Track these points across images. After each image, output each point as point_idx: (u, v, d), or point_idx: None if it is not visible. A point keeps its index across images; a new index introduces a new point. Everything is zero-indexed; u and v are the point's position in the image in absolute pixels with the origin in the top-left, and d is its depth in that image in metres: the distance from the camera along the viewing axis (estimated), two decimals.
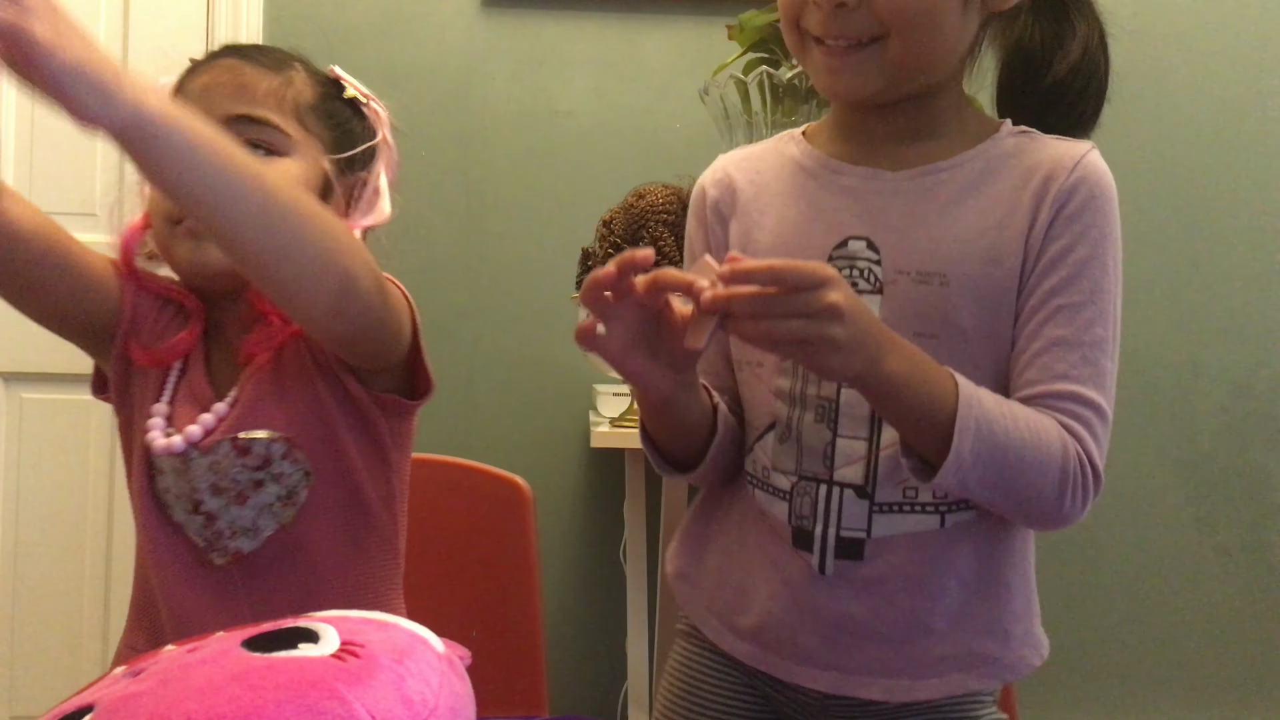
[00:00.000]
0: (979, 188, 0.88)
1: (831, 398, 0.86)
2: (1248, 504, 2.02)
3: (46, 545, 1.88)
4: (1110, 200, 0.89)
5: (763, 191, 0.95)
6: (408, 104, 2.03)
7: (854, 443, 0.86)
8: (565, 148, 1.98)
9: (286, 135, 1.00)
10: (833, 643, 0.88)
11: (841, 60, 0.84)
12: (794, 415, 0.88)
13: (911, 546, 0.87)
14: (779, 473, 0.89)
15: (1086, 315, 0.85)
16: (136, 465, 0.98)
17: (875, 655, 0.88)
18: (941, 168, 0.89)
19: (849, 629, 0.88)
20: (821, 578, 0.87)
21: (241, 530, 0.96)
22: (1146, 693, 2.01)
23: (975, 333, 0.85)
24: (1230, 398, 2.02)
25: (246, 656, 0.51)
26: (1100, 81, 0.97)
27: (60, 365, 1.89)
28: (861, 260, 0.87)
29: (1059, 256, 0.85)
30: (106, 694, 0.51)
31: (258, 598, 0.96)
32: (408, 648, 0.54)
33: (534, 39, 1.98)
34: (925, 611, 0.87)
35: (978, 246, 0.85)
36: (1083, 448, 0.84)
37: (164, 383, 1.01)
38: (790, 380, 0.89)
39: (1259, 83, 2.04)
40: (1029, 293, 0.85)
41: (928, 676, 0.88)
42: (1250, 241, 2.03)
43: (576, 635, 1.96)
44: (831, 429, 0.86)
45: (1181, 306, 2.02)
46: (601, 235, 1.59)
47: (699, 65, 1.81)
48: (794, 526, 0.88)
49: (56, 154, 1.90)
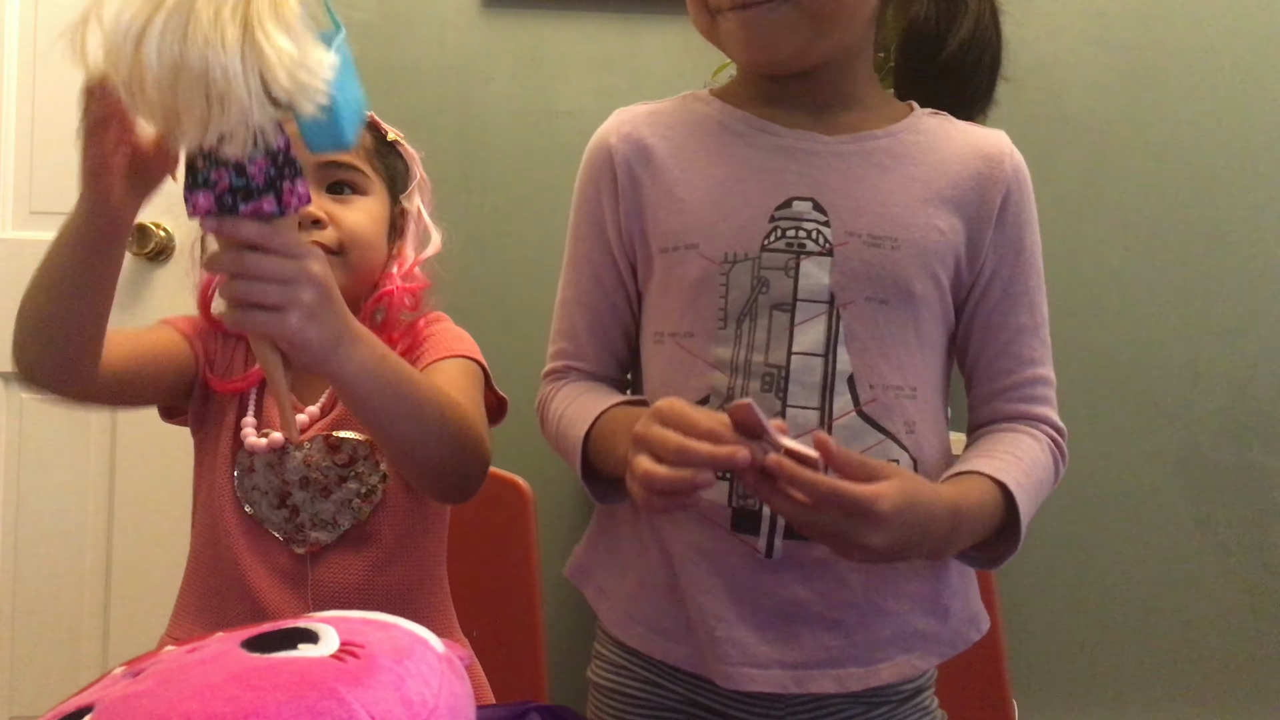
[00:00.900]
0: (918, 159, 0.89)
1: (781, 364, 0.84)
2: (1248, 504, 2.02)
3: (46, 545, 1.88)
4: (1031, 186, 0.93)
5: (680, 149, 0.91)
6: (408, 104, 2.03)
7: (805, 412, 0.83)
8: (565, 148, 1.98)
9: (367, 177, 1.11)
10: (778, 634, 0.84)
11: (755, 20, 0.83)
12: (736, 385, 0.84)
13: None
14: None
15: (1037, 298, 0.90)
16: (220, 471, 1.06)
17: (824, 644, 0.84)
18: (877, 135, 0.89)
19: (797, 616, 0.84)
20: (767, 562, 0.83)
21: (321, 523, 1.05)
22: (1146, 692, 2.01)
23: (922, 299, 0.86)
24: (1230, 398, 2.02)
25: (246, 657, 0.51)
26: (993, 58, 0.97)
27: None
28: (808, 221, 0.85)
29: (1014, 246, 0.89)
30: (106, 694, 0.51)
31: (326, 587, 1.04)
32: (408, 648, 0.54)
33: (534, 39, 1.98)
34: (875, 591, 0.85)
35: (925, 214, 0.86)
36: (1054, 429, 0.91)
37: (245, 398, 1.08)
38: (732, 348, 0.85)
39: (1259, 83, 2.04)
40: (989, 280, 0.89)
41: (877, 661, 0.86)
42: (1250, 241, 2.03)
43: (576, 635, 1.96)
44: (781, 398, 0.83)
45: (1181, 307, 2.01)
46: None
47: (699, 65, 1.80)
48: (736, 508, 0.83)
49: (56, 154, 1.90)
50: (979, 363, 0.91)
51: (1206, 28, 2.03)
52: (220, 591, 1.06)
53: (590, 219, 0.95)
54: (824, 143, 0.88)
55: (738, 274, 0.85)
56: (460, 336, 1.12)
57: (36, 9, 1.89)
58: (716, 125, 0.92)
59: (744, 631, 0.84)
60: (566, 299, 0.98)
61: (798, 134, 0.89)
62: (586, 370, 0.96)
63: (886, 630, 0.86)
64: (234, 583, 1.04)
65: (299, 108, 0.65)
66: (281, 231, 0.72)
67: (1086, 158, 1.96)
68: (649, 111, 0.97)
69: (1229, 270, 2.03)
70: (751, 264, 0.85)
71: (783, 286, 0.84)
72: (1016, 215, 0.90)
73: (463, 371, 1.06)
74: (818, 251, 0.84)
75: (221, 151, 0.66)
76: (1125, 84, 2.01)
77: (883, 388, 0.84)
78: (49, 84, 1.89)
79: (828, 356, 0.83)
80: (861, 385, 0.84)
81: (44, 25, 1.90)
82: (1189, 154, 2.03)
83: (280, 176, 0.70)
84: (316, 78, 0.65)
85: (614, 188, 0.93)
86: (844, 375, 0.84)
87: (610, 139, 0.96)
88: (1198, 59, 2.03)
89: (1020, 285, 0.90)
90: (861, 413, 0.84)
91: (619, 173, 0.93)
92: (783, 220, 0.85)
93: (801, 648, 0.84)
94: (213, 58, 0.61)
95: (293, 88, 0.64)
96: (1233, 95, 2.04)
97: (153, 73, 0.62)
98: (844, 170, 0.87)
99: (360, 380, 0.80)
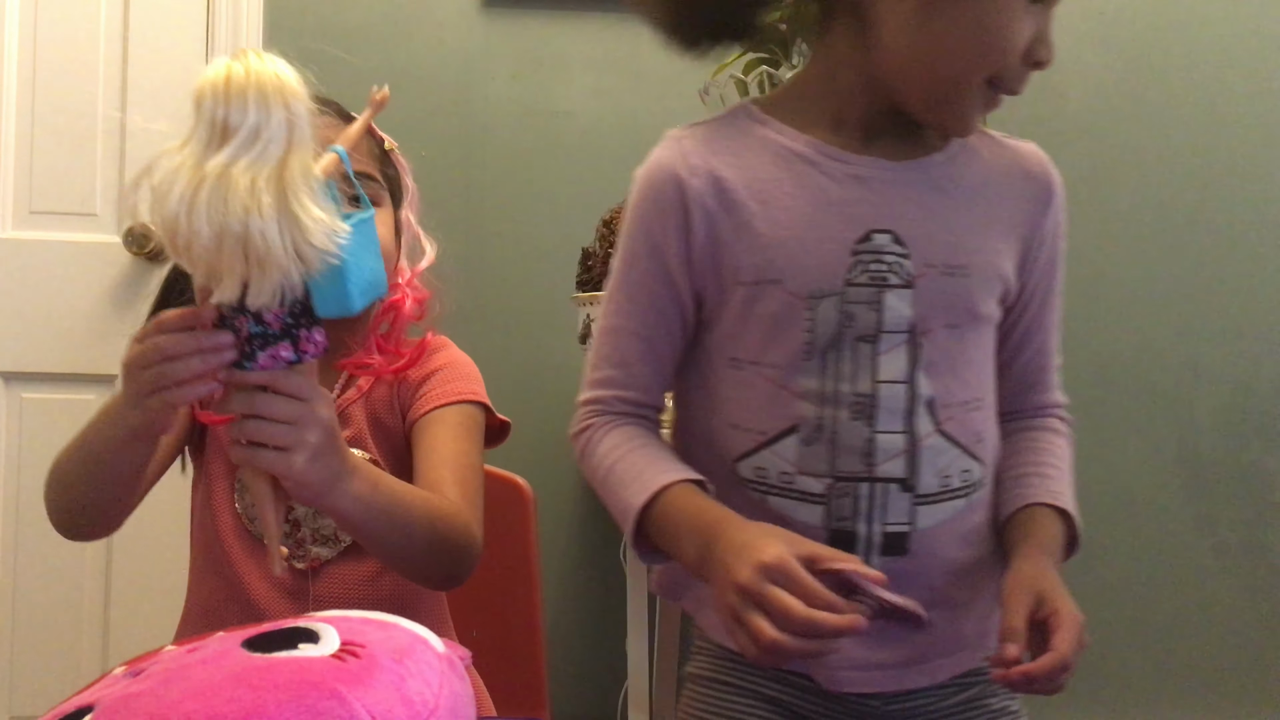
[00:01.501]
0: (974, 181, 0.92)
1: (868, 393, 0.86)
2: (1247, 503, 2.02)
3: (47, 545, 1.87)
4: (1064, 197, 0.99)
5: (754, 180, 0.90)
6: (408, 104, 2.03)
7: (893, 437, 0.86)
8: (565, 148, 1.98)
9: (381, 188, 1.11)
10: (875, 639, 0.86)
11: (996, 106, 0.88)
12: (825, 415, 0.86)
13: (949, 531, 0.88)
14: (808, 476, 0.86)
15: (1060, 297, 0.98)
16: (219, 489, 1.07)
17: (915, 644, 0.89)
18: (935, 162, 0.92)
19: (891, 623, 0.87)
20: None
21: (322, 538, 1.05)
22: (1146, 692, 2.01)
23: (986, 319, 0.91)
24: (1230, 397, 2.02)
25: (247, 656, 0.51)
26: None
27: (60, 365, 1.89)
28: (889, 254, 0.87)
29: (1053, 259, 0.96)
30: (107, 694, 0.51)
31: (326, 601, 1.03)
32: (408, 648, 0.54)
33: (534, 39, 1.98)
34: (960, 590, 0.90)
35: (986, 238, 0.90)
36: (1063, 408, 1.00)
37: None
38: (819, 380, 0.86)
39: (1259, 83, 2.04)
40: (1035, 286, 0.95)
41: (961, 649, 0.92)
42: (1250, 241, 2.03)
43: (576, 635, 1.96)
44: (870, 425, 0.86)
45: (1182, 306, 2.02)
46: (601, 235, 1.59)
47: (699, 65, 1.79)
48: (832, 530, 0.86)
49: (56, 153, 1.90)
50: (1015, 360, 0.97)
51: (1206, 29, 2.03)
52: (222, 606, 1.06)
53: (652, 251, 0.92)
54: (893, 170, 0.89)
55: (824, 309, 0.86)
56: (464, 374, 1.11)
57: (36, 11, 1.90)
58: (785, 151, 0.91)
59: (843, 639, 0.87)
60: (616, 326, 0.94)
61: (868, 161, 0.89)
62: (634, 400, 0.95)
63: (968, 624, 0.91)
64: (235, 596, 1.04)
65: (313, 268, 0.71)
66: (291, 374, 0.76)
67: (1086, 158, 1.96)
68: (707, 137, 0.94)
69: (1229, 271, 2.03)
70: (837, 299, 0.86)
71: (867, 320, 0.86)
72: (1055, 229, 0.95)
73: (462, 425, 1.06)
74: (899, 284, 0.86)
75: (246, 301, 0.71)
76: (1125, 84, 2.01)
77: (956, 405, 0.88)
78: (49, 85, 1.89)
79: (910, 383, 0.87)
80: (939, 405, 0.88)
81: (44, 27, 1.90)
82: (1189, 154, 2.03)
83: (297, 325, 0.75)
84: (333, 243, 0.71)
85: (685, 223, 0.90)
86: (924, 399, 0.87)
87: (679, 172, 0.92)
88: (1198, 59, 2.03)
89: (1054, 290, 0.97)
90: (941, 431, 0.88)
91: (692, 208, 0.90)
92: (864, 254, 0.87)
93: (896, 650, 0.89)
94: (252, 224, 0.68)
95: (320, 250, 0.70)
96: (1233, 95, 2.04)
97: (201, 239, 0.68)
98: (915, 200, 0.89)
99: (355, 513, 0.85)
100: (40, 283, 1.89)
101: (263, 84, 0.69)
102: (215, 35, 1.91)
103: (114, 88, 1.90)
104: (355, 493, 0.83)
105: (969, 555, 0.90)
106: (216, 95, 0.69)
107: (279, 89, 0.70)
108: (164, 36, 1.91)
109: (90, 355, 1.89)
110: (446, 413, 1.06)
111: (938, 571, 0.88)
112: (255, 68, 0.69)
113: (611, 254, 1.53)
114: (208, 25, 1.92)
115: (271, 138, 0.69)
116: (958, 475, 0.88)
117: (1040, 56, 0.83)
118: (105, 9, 1.91)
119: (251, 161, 0.69)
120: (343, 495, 0.82)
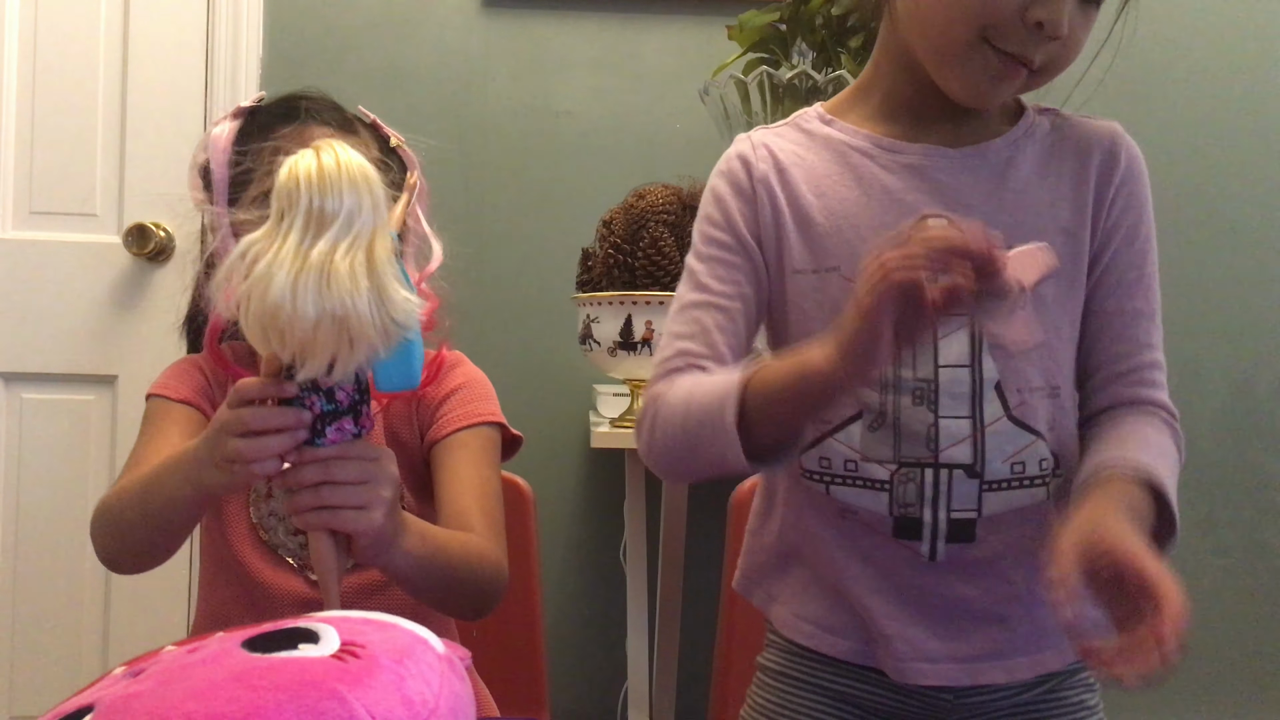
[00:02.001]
0: (1039, 166, 0.91)
1: (930, 378, 0.86)
2: (1247, 505, 2.02)
3: (47, 545, 1.88)
4: (1146, 174, 0.95)
5: (811, 173, 0.92)
6: (408, 104, 2.03)
7: (958, 422, 0.85)
8: (565, 148, 1.98)
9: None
10: (946, 630, 0.87)
11: (1011, 78, 0.85)
12: (888, 401, 0.86)
13: (1021, 520, 0.87)
14: (873, 463, 0.86)
15: (1152, 285, 0.92)
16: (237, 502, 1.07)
17: (992, 638, 0.87)
18: (996, 146, 0.91)
19: (963, 613, 0.87)
20: (931, 565, 0.86)
21: None
22: (1144, 694, 2.01)
23: (1055, 303, 0.88)
24: (1230, 399, 2.02)
25: (247, 657, 0.51)
26: None
27: (61, 365, 1.89)
28: None
29: (1130, 233, 0.91)
30: (107, 694, 0.51)
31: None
32: (408, 648, 0.54)
33: (534, 39, 1.98)
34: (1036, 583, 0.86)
35: (1053, 222, 0.89)
36: (1170, 414, 0.94)
37: None
38: None
39: (1257, 84, 2.04)
40: (1107, 266, 0.91)
41: (1043, 649, 0.89)
42: (1251, 242, 2.03)
43: (576, 635, 1.96)
44: (933, 410, 0.85)
45: (1182, 307, 2.02)
46: (601, 235, 1.59)
47: (699, 65, 1.80)
48: (897, 516, 0.86)
49: (56, 154, 1.90)
50: (1096, 347, 0.92)
51: (1203, 30, 2.03)
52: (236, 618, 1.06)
53: (726, 223, 0.93)
54: (950, 157, 0.90)
55: None
56: (482, 393, 1.12)
57: (36, 11, 1.90)
58: (843, 146, 0.92)
59: (913, 629, 0.87)
60: (693, 301, 0.92)
61: (922, 149, 0.90)
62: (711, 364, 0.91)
63: (1048, 620, 0.88)
64: (252, 606, 1.05)
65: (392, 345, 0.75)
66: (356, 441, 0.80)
67: None
68: (774, 134, 0.96)
69: (1229, 272, 2.03)
70: None
71: None
72: (1129, 201, 0.92)
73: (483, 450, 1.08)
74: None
75: (328, 377, 0.75)
76: (1123, 85, 2.01)
77: (1029, 390, 0.87)
78: (49, 85, 1.89)
79: (974, 366, 0.86)
80: (1009, 390, 0.86)
81: (44, 27, 1.90)
82: (1187, 156, 2.03)
83: (362, 400, 0.79)
84: (413, 320, 0.76)
85: (753, 197, 0.92)
86: (991, 382, 0.86)
87: (748, 155, 0.94)
88: (1196, 61, 2.03)
89: (1135, 272, 0.91)
90: (1012, 417, 0.86)
91: (758, 187, 0.92)
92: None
93: (970, 642, 0.87)
94: (353, 305, 0.72)
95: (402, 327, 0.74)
96: (1231, 97, 2.04)
97: (305, 322, 0.71)
98: (972, 184, 0.89)
99: (408, 567, 0.88)
100: (40, 283, 1.89)
101: (352, 172, 0.73)
102: (215, 35, 1.91)
103: (114, 88, 1.90)
104: (409, 547, 0.87)
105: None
106: (311, 185, 0.73)
107: (365, 176, 0.74)
108: (164, 37, 1.91)
109: (90, 356, 1.89)
110: (468, 437, 1.08)
111: (1010, 561, 0.87)
112: (343, 158, 0.74)
113: (611, 254, 1.53)
114: (208, 25, 1.92)
115: (364, 222, 0.74)
116: (1035, 463, 0.87)
117: (1038, 16, 0.81)
118: (105, 10, 1.91)
119: (348, 246, 0.73)
120: (398, 551, 0.85)
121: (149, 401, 1.09)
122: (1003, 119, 0.94)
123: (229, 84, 1.89)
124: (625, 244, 1.53)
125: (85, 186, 1.90)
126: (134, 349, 1.88)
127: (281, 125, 1.08)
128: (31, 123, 1.89)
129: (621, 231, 1.54)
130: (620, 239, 1.54)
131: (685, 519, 1.63)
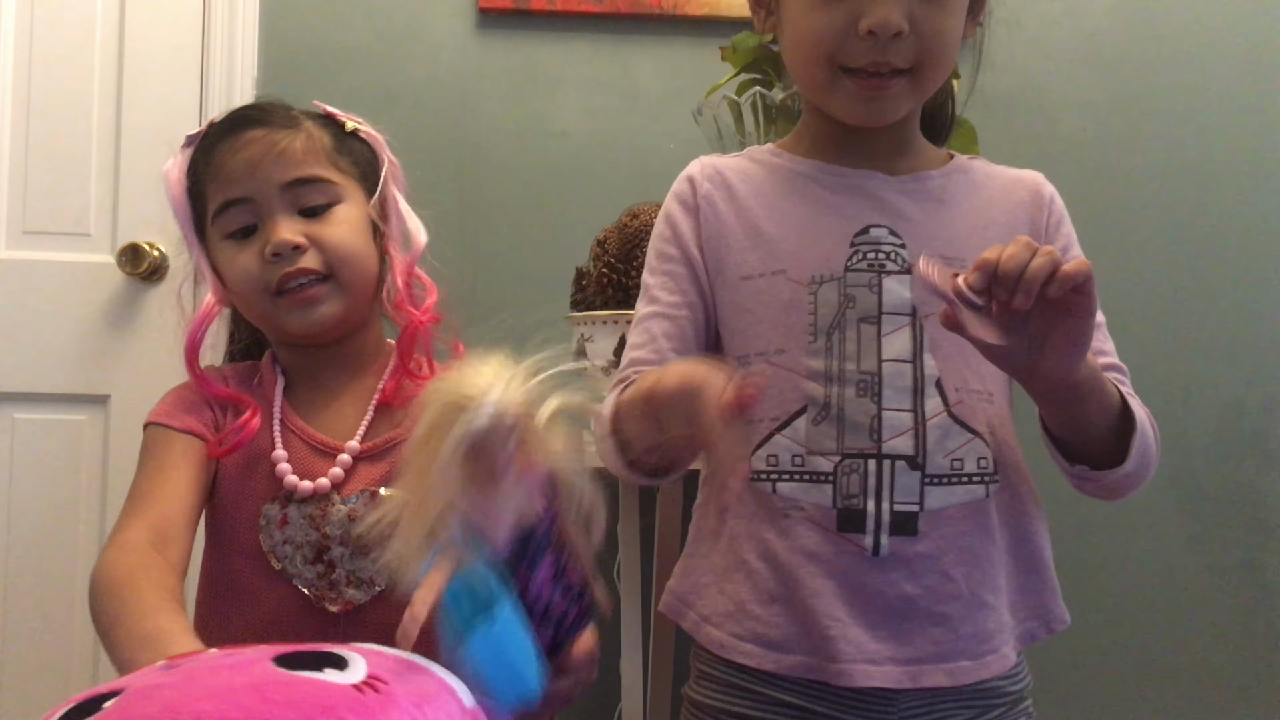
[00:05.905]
0: (971, 194, 0.99)
1: (873, 371, 0.89)
2: (1240, 523, 2.02)
3: (38, 565, 1.87)
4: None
5: (759, 191, 0.99)
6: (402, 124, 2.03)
7: (899, 414, 0.89)
8: (559, 168, 1.98)
9: (336, 184, 1.08)
10: (890, 630, 0.88)
11: (879, 89, 0.91)
12: (832, 393, 0.89)
13: (962, 518, 0.89)
14: (817, 455, 0.89)
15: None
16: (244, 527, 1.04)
17: (934, 639, 0.88)
18: (932, 175, 0.99)
19: (906, 612, 0.88)
20: (875, 560, 0.88)
21: (357, 581, 1.03)
22: (1139, 711, 2.00)
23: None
24: (1223, 417, 2.02)
25: (273, 670, 0.52)
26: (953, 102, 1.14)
27: (53, 385, 1.89)
28: (886, 244, 0.93)
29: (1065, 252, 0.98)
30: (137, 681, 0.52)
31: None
32: (431, 694, 0.54)
33: (528, 60, 1.99)
34: (979, 585, 0.90)
35: (986, 237, 0.94)
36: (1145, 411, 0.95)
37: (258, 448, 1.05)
38: (824, 360, 0.90)
39: (1250, 102, 2.06)
40: None
41: (985, 654, 0.90)
42: (1243, 259, 2.04)
43: None
44: (876, 402, 0.89)
45: (1174, 325, 2.02)
46: (595, 255, 1.59)
47: (692, 86, 1.81)
48: (841, 509, 0.88)
49: (49, 174, 1.90)
50: None
51: (1197, 48, 2.05)
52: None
53: (673, 237, 1.00)
54: (889, 181, 0.97)
55: (825, 292, 0.92)
56: None
57: (32, 28, 1.90)
58: (790, 172, 1.00)
59: (856, 630, 0.88)
60: (645, 314, 1.00)
61: (864, 173, 0.97)
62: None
63: (989, 623, 0.90)
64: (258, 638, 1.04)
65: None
66: None
67: (1078, 178, 1.97)
68: (726, 159, 1.04)
69: (1221, 289, 2.04)
70: (838, 283, 0.92)
71: (868, 301, 0.91)
72: (1058, 228, 1.00)
73: None
74: (898, 270, 0.92)
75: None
76: (1116, 104, 2.03)
77: (967, 390, 0.91)
78: (43, 104, 1.90)
79: (915, 362, 0.90)
80: (949, 388, 0.91)
81: (38, 47, 1.90)
82: (1179, 174, 2.04)
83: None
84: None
85: (696, 214, 0.99)
86: (932, 379, 0.90)
87: (694, 174, 1.02)
88: (1188, 79, 2.05)
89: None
90: (951, 413, 0.90)
91: (701, 202, 0.99)
92: (863, 244, 0.93)
93: (913, 643, 0.88)
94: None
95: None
96: (1223, 115, 2.05)
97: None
98: (911, 204, 0.96)
99: None
100: (33, 303, 1.88)
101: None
102: (210, 57, 1.91)
103: (108, 108, 1.91)
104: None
105: (991, 549, 0.90)
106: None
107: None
108: (159, 58, 1.92)
109: (83, 376, 1.88)
110: None
111: (953, 558, 0.89)
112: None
113: (605, 273, 1.54)
114: (203, 46, 1.92)
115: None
116: (973, 460, 0.90)
117: (867, 26, 0.88)
118: (100, 28, 1.92)
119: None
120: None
121: (148, 430, 1.05)
122: (933, 161, 1.01)
123: (224, 105, 1.89)
124: (619, 263, 1.54)
125: (79, 206, 1.90)
126: (127, 369, 1.88)
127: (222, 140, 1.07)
128: (25, 142, 1.89)
129: (615, 251, 1.55)
130: (614, 258, 1.54)
131: (679, 540, 1.63)
